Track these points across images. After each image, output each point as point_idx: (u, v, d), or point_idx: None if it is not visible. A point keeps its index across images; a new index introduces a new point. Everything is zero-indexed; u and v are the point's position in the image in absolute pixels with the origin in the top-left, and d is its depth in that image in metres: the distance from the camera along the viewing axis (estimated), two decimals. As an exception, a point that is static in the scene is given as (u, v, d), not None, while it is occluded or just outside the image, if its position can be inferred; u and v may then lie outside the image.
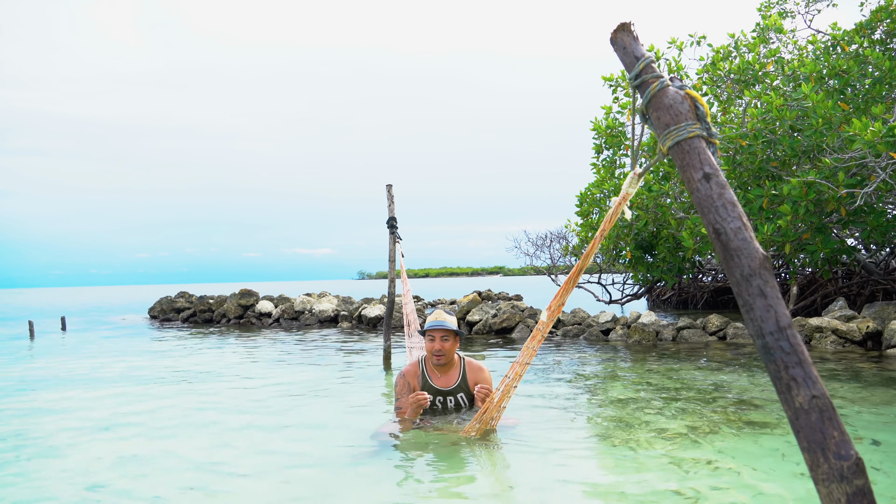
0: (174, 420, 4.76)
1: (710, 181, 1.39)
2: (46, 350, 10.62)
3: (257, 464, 3.57)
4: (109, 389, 6.23)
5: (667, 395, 5.32)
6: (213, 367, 7.64)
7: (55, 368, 8.03)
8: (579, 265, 2.84)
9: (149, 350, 9.99)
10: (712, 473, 3.19)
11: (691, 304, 16.52)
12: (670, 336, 9.35)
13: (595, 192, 11.54)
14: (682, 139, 1.43)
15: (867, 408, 4.64)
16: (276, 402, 5.41)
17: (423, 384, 4.08)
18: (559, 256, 17.40)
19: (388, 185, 7.46)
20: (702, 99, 1.45)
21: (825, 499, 1.24)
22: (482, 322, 11.29)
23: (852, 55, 8.63)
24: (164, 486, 3.20)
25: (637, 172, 2.05)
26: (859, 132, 6.82)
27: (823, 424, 1.25)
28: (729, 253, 1.37)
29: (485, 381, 4.08)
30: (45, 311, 25.83)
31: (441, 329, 3.96)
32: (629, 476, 3.25)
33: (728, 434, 3.96)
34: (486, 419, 3.62)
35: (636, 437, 3.95)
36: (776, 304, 1.33)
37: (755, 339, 1.35)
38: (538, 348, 3.50)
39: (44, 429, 4.62)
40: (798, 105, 7.98)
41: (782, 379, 1.30)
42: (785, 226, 7.77)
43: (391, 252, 7.42)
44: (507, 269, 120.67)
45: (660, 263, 11.24)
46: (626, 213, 2.29)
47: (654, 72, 1.46)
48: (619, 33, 1.50)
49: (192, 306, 18.97)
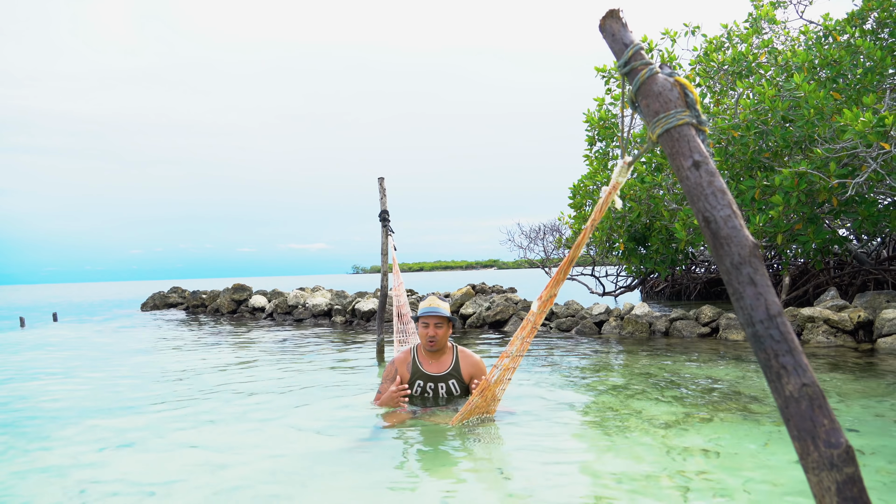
0: (164, 412, 4.73)
1: (699, 169, 1.38)
2: (36, 341, 10.55)
3: (247, 455, 3.56)
4: (93, 381, 6.20)
5: (660, 385, 5.34)
6: (204, 361, 7.61)
7: (43, 359, 7.98)
8: (570, 255, 2.83)
9: (140, 342, 9.94)
10: (704, 461, 3.20)
11: (684, 296, 16.58)
12: (663, 328, 9.37)
13: (588, 184, 11.54)
14: (671, 127, 1.41)
15: (858, 397, 4.66)
16: (267, 394, 5.39)
17: (414, 370, 4.12)
18: (553, 249, 17.42)
19: (380, 178, 7.43)
20: (691, 86, 1.44)
21: (815, 487, 1.24)
22: (476, 315, 11.30)
23: (844, 45, 8.64)
24: (153, 476, 3.19)
25: (626, 161, 2.04)
26: (850, 122, 6.84)
27: (813, 412, 1.25)
28: (719, 241, 1.36)
29: (478, 369, 4.15)
30: (38, 307, 25.68)
31: (435, 315, 4.02)
32: (622, 463, 3.25)
33: (720, 423, 3.97)
34: (472, 409, 3.65)
35: (629, 425, 3.96)
36: (766, 293, 1.32)
37: (745, 327, 1.35)
38: (530, 340, 3.50)
39: (24, 422, 4.60)
40: (790, 95, 7.99)
41: (772, 367, 1.30)
42: (777, 216, 7.79)
43: (384, 245, 7.40)
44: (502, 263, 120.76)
45: (653, 255, 11.26)
46: (616, 203, 2.28)
47: (643, 59, 1.44)
48: (608, 20, 1.49)
49: (185, 301, 18.91)
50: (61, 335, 12.42)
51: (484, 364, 4.22)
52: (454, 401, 4.15)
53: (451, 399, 4.15)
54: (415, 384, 4.14)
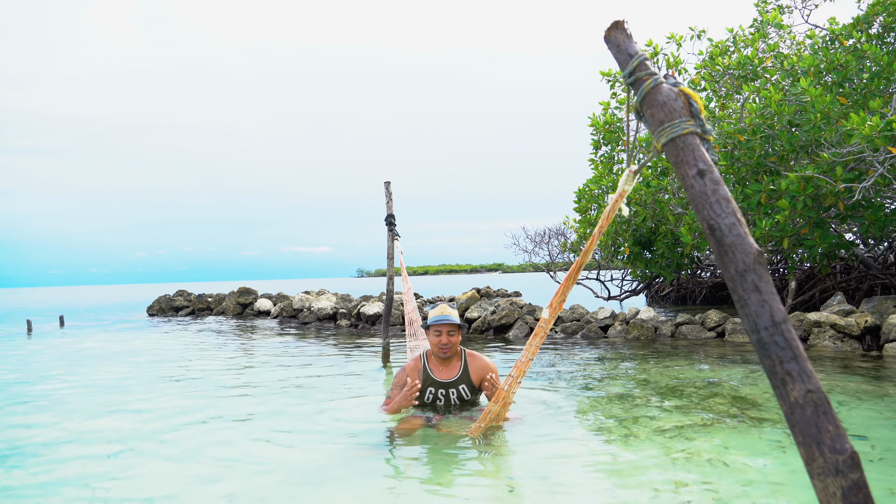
0: (169, 416, 4.76)
1: (704, 177, 1.40)
2: (43, 347, 10.61)
3: (252, 463, 3.58)
4: (102, 384, 6.23)
5: (665, 390, 5.33)
6: (210, 365, 7.65)
7: (51, 365, 8.03)
8: (578, 262, 2.85)
9: (148, 348, 9.99)
10: (709, 467, 3.20)
11: (690, 300, 16.54)
12: (669, 332, 9.36)
13: (593, 189, 11.54)
14: (676, 136, 1.43)
15: (864, 402, 4.65)
16: (274, 398, 5.41)
17: (425, 377, 4.15)
18: (557, 253, 17.41)
19: (387, 182, 7.45)
20: (696, 95, 1.46)
21: (821, 493, 1.25)
22: (481, 319, 11.30)
23: (850, 49, 8.63)
24: (158, 479, 3.21)
25: (633, 170, 2.06)
26: (857, 127, 6.83)
27: (818, 419, 1.26)
28: (723, 249, 1.38)
29: (487, 370, 4.14)
30: (44, 310, 25.83)
31: (448, 323, 4.05)
32: (627, 469, 3.26)
33: (726, 429, 3.97)
34: (491, 417, 3.65)
35: (634, 431, 3.96)
36: (771, 300, 1.33)
37: (750, 334, 1.36)
38: (540, 345, 3.52)
39: (35, 429, 4.63)
40: (796, 100, 7.98)
41: (777, 374, 1.31)
42: (783, 221, 7.77)
43: (389, 249, 7.42)
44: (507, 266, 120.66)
45: (658, 259, 11.25)
46: (623, 210, 2.30)
47: (647, 69, 1.46)
48: (613, 31, 1.51)
49: (191, 304, 18.98)
50: (69, 341, 12.50)
51: (492, 363, 4.24)
52: (466, 406, 4.18)
53: (463, 404, 4.17)
54: (426, 391, 4.16)
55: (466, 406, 4.19)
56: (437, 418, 4.07)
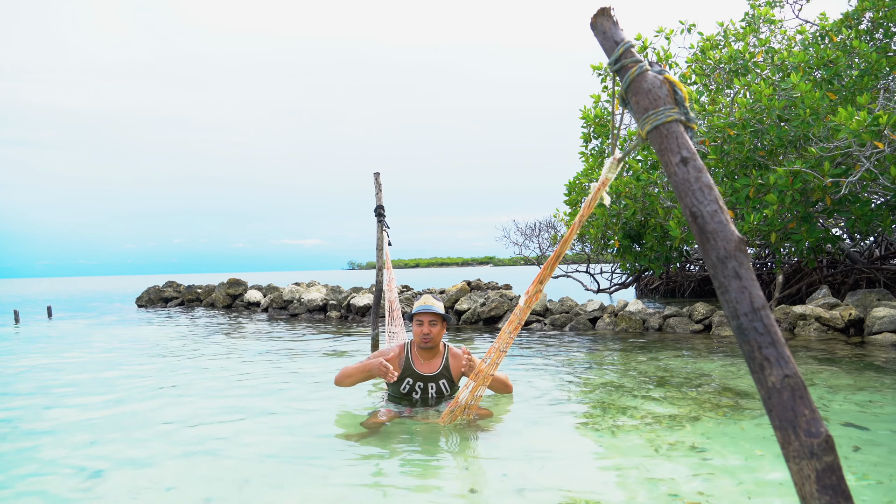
0: (158, 407, 4.75)
1: (687, 165, 1.41)
2: (29, 337, 10.54)
3: (238, 448, 3.58)
4: (85, 373, 6.21)
5: (652, 382, 5.38)
6: (197, 356, 7.63)
7: (39, 355, 7.99)
8: (557, 251, 2.86)
9: (135, 338, 9.95)
10: (695, 457, 3.24)
11: (679, 293, 16.65)
12: (657, 324, 9.43)
13: (584, 181, 11.57)
14: (660, 123, 1.44)
15: (846, 392, 4.71)
16: (261, 388, 5.41)
17: (406, 367, 4.12)
18: (548, 246, 17.46)
19: (376, 174, 7.44)
20: (680, 84, 1.47)
21: (796, 475, 1.27)
22: (471, 311, 11.33)
23: (839, 45, 8.68)
24: (149, 470, 3.21)
25: (616, 158, 2.07)
26: (844, 122, 6.88)
27: (795, 403, 1.28)
28: (705, 235, 1.39)
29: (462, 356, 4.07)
30: (33, 301, 25.61)
31: (429, 313, 4.03)
32: (613, 460, 3.29)
33: (711, 419, 4.02)
34: (461, 407, 3.67)
35: (621, 422, 4.00)
36: (750, 286, 1.35)
37: (730, 320, 1.38)
38: (515, 335, 3.52)
39: (26, 414, 4.61)
40: (786, 95, 8.03)
41: (756, 359, 1.33)
42: (771, 215, 7.83)
43: (379, 240, 7.41)
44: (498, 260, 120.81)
45: (647, 252, 11.31)
46: (605, 199, 2.31)
47: (633, 56, 1.47)
48: (599, 18, 1.51)
49: (181, 295, 18.89)
50: (55, 331, 12.41)
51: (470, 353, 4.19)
52: (444, 401, 4.15)
53: (440, 399, 4.15)
54: (404, 381, 4.14)
55: (444, 401, 4.16)
56: (407, 412, 4.07)
